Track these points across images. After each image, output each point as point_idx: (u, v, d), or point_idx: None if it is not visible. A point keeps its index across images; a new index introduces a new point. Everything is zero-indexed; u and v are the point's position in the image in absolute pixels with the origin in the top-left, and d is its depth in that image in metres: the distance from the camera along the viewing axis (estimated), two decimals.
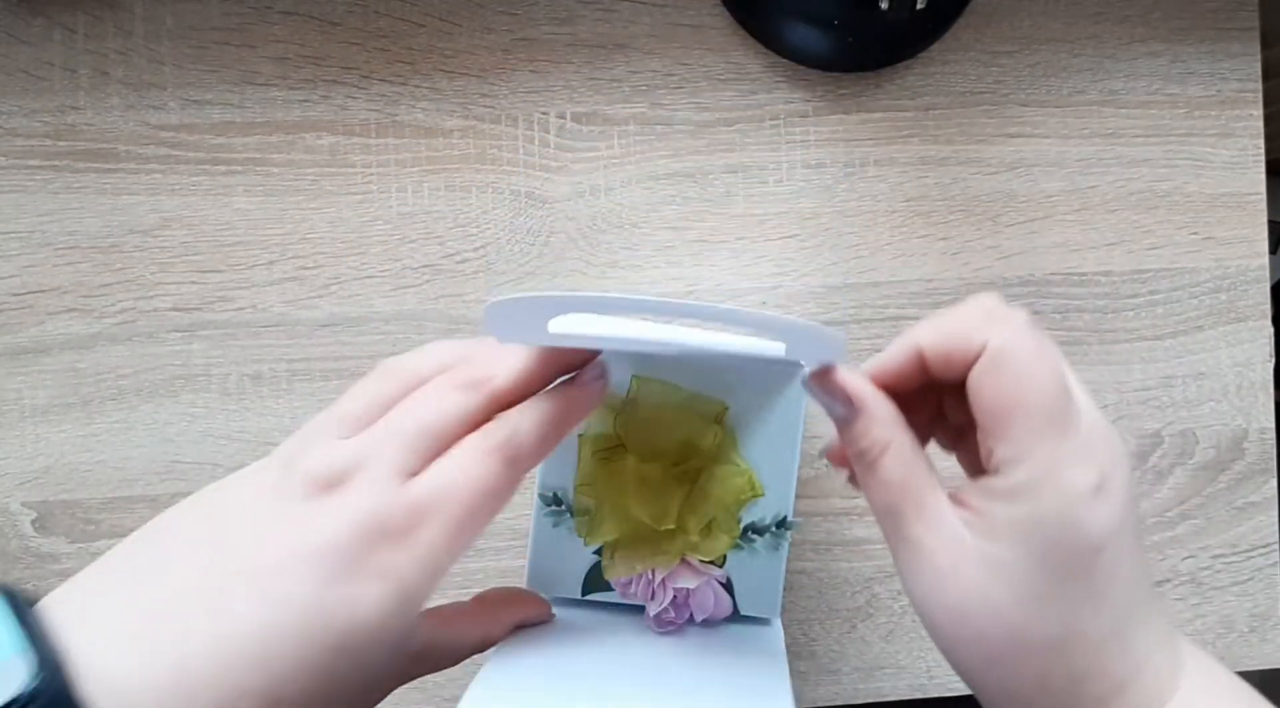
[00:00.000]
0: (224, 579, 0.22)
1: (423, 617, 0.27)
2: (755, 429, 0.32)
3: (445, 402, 0.25)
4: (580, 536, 0.33)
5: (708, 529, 0.34)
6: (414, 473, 0.24)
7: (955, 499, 0.24)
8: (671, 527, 0.34)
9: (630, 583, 0.33)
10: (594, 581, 0.33)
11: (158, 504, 0.42)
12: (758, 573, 0.33)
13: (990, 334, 0.22)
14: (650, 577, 0.33)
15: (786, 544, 0.33)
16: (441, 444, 0.24)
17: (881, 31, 0.43)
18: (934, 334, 0.24)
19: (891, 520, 0.24)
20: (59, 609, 0.21)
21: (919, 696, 0.45)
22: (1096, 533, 0.22)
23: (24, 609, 0.21)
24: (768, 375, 0.31)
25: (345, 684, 0.23)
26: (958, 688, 0.45)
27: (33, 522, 0.42)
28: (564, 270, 0.43)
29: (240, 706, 0.21)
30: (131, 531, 0.43)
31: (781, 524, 0.33)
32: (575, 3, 0.43)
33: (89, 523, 0.42)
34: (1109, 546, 0.22)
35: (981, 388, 0.22)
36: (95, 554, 0.43)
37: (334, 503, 0.23)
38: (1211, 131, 0.45)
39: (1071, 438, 0.22)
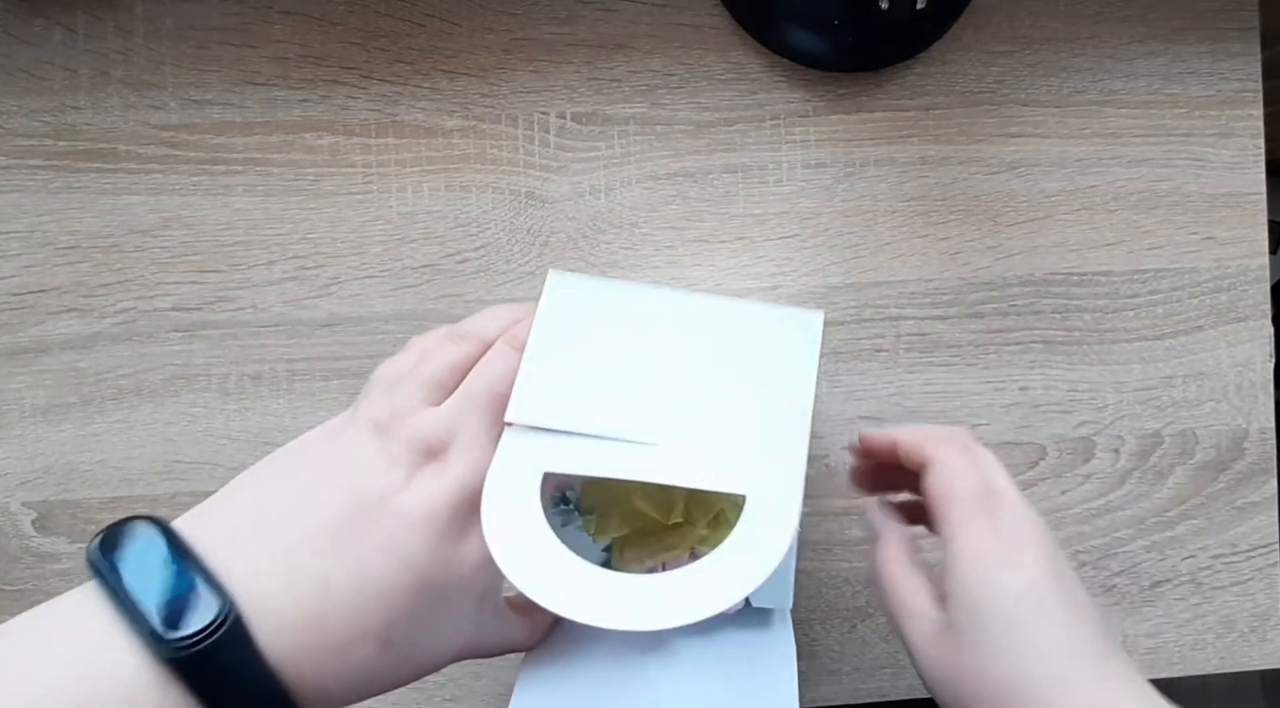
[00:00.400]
0: (358, 534, 0.25)
1: (502, 599, 0.30)
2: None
3: (508, 362, 0.29)
4: (589, 533, 0.33)
5: (715, 520, 0.33)
6: (498, 437, 0.28)
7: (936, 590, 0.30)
8: (679, 520, 0.33)
9: None
10: None
11: (158, 504, 0.42)
12: None
13: (939, 449, 0.30)
14: (660, 571, 0.33)
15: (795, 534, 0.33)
16: (499, 403, 0.28)
17: (881, 31, 0.43)
18: (908, 437, 0.31)
19: (889, 612, 0.31)
20: (204, 536, 0.24)
21: (919, 696, 0.45)
22: (1011, 591, 0.27)
23: (179, 538, 0.24)
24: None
25: (433, 633, 0.27)
26: None
27: (33, 522, 0.42)
28: (564, 270, 0.43)
29: (363, 642, 0.25)
30: None
31: None
32: (575, 3, 0.43)
33: (89, 523, 0.42)
34: (1026, 603, 0.27)
35: (929, 486, 0.30)
36: None
37: (438, 472, 0.26)
38: (1211, 131, 0.45)
39: (992, 521, 0.28)
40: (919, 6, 0.41)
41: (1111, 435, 0.45)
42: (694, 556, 0.33)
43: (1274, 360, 0.46)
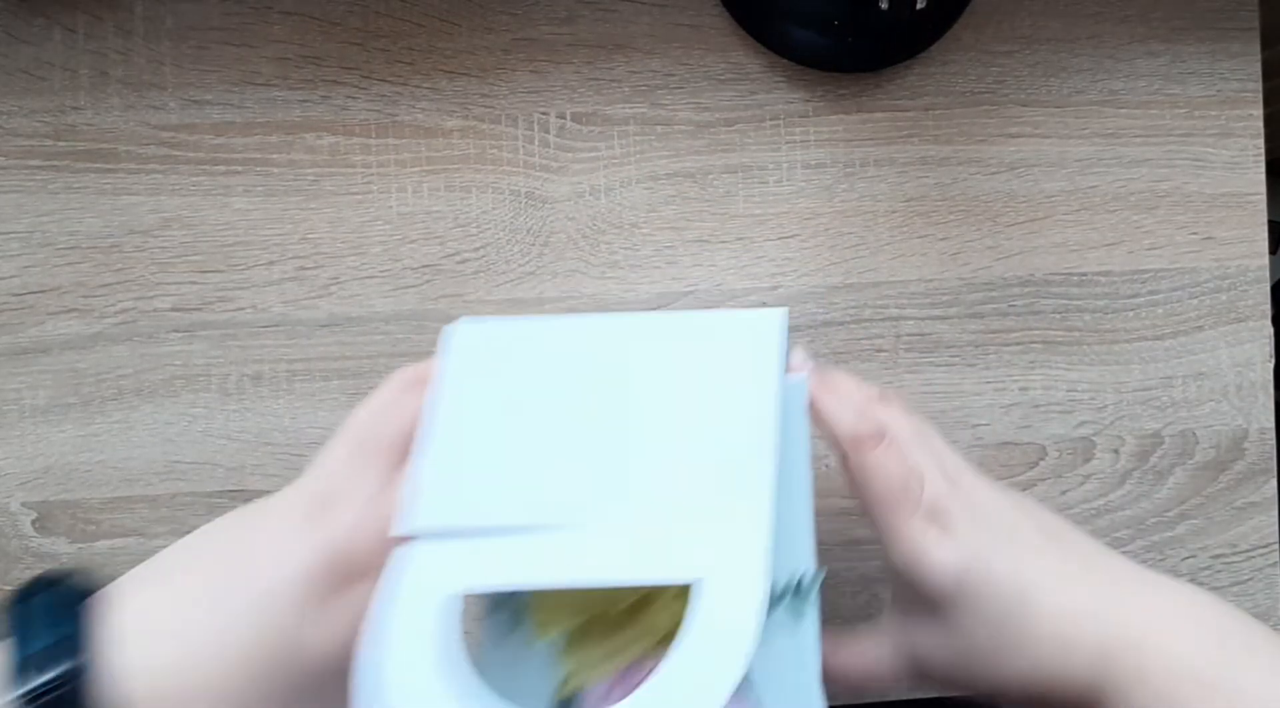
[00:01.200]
0: (230, 593, 0.23)
1: None
2: None
3: (405, 408, 0.26)
4: (533, 629, 0.27)
5: (684, 590, 0.23)
6: (383, 488, 0.25)
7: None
8: (637, 598, 0.26)
9: (609, 692, 0.25)
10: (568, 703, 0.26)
11: (158, 504, 0.42)
12: (782, 658, 0.25)
13: (854, 449, 0.28)
14: (633, 677, 0.25)
15: (815, 610, 0.26)
16: (397, 452, 0.26)
17: (882, 31, 0.43)
18: (824, 409, 0.29)
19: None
20: (116, 592, 0.23)
21: (919, 695, 0.45)
22: (948, 564, 0.26)
23: (88, 590, 0.23)
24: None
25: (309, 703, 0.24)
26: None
27: (33, 522, 0.42)
28: (564, 270, 0.43)
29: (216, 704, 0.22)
30: (131, 530, 0.44)
31: (799, 586, 0.26)
32: (575, 3, 0.43)
33: (89, 523, 0.42)
34: (972, 567, 0.26)
35: (850, 477, 0.28)
36: (95, 554, 0.43)
37: (313, 528, 0.24)
38: (1211, 131, 0.45)
39: (915, 506, 0.27)
40: (919, 7, 0.41)
41: (1111, 435, 0.45)
42: (668, 639, 0.23)
43: (1274, 360, 0.46)
